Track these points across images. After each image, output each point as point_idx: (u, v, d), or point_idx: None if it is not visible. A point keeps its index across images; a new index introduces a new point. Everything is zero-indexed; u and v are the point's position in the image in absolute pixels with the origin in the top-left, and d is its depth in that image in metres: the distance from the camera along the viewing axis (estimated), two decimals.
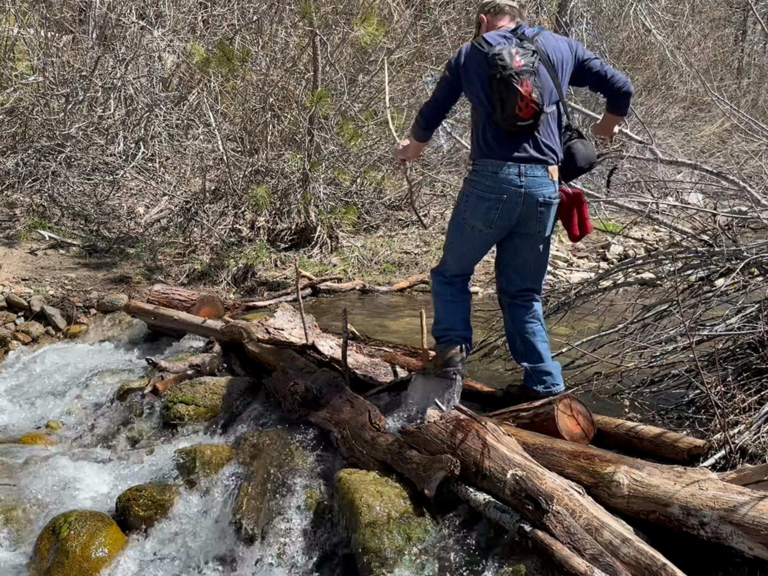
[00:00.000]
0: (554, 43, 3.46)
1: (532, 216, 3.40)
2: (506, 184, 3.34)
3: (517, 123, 3.30)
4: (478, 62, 3.38)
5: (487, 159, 3.40)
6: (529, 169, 3.34)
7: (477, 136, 3.48)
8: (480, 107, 3.44)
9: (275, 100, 8.29)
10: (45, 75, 8.20)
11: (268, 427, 3.72)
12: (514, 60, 3.27)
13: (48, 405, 4.70)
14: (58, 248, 7.01)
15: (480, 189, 3.41)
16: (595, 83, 3.58)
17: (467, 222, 3.49)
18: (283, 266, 7.46)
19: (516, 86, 3.24)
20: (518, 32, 3.44)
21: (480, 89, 3.38)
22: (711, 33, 15.67)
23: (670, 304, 4.12)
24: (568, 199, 3.48)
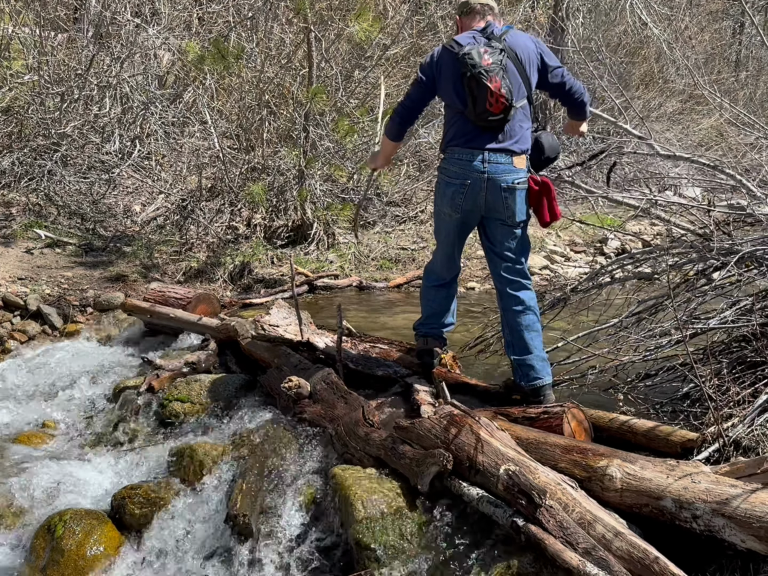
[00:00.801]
0: (521, 42, 3.63)
1: (498, 201, 3.57)
2: (470, 170, 3.53)
3: (488, 118, 3.48)
4: (449, 63, 3.55)
5: (455, 148, 3.60)
6: (492, 156, 3.53)
7: (448, 130, 3.69)
8: (452, 105, 3.62)
9: (271, 96, 8.27)
10: (40, 74, 8.18)
11: (263, 424, 3.71)
12: (483, 58, 3.45)
13: (44, 404, 4.70)
14: (55, 247, 7.00)
15: (447, 175, 3.62)
16: (556, 92, 3.80)
17: (440, 209, 3.74)
18: (280, 263, 7.45)
19: (485, 82, 3.41)
20: (487, 31, 3.61)
21: (452, 88, 3.55)
22: (708, 26, 15.63)
23: (665, 298, 4.12)
24: (537, 186, 3.64)
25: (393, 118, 3.78)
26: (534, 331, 3.64)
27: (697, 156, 4.37)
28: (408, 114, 3.76)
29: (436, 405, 3.56)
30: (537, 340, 3.64)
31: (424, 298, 4.06)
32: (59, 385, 4.86)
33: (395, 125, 3.79)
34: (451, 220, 3.68)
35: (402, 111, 3.74)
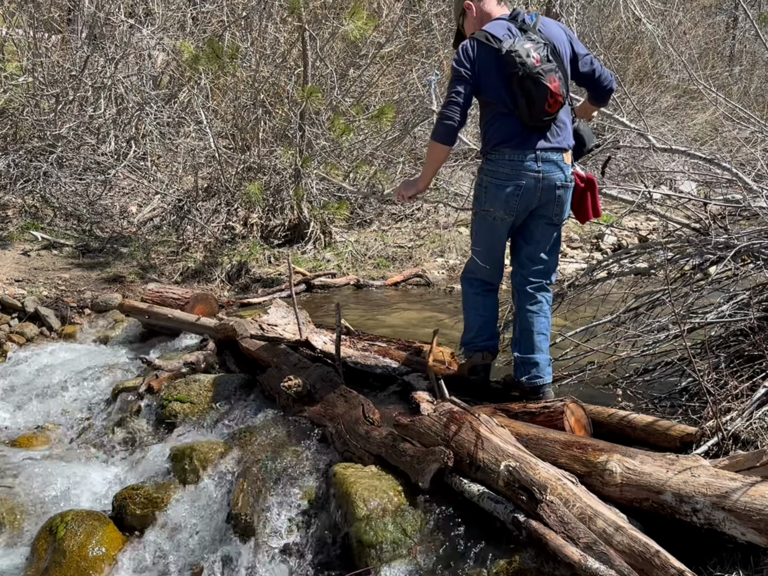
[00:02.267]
0: (555, 32, 3.47)
1: (551, 200, 3.47)
2: (524, 170, 3.40)
3: (544, 118, 3.36)
4: (491, 59, 3.35)
5: (504, 148, 3.43)
6: (545, 155, 3.41)
7: (491, 129, 3.49)
8: (498, 104, 3.42)
9: (266, 96, 8.28)
10: (35, 75, 8.17)
11: (263, 423, 3.72)
12: (531, 56, 3.28)
13: (43, 406, 4.70)
14: (51, 249, 7.00)
15: (499, 177, 3.45)
16: (585, 81, 3.62)
17: (489, 213, 3.53)
18: (277, 262, 7.46)
19: (545, 83, 3.27)
20: (518, 21, 3.42)
21: (501, 87, 3.36)
22: (702, 21, 15.67)
23: (662, 292, 4.13)
24: (582, 182, 3.57)
25: (445, 120, 3.41)
26: (543, 334, 3.62)
27: (694, 150, 4.38)
28: (461, 113, 3.41)
29: (434, 402, 3.57)
30: (545, 343, 3.63)
31: (471, 309, 3.79)
32: (58, 387, 4.85)
33: (450, 127, 3.42)
34: (503, 223, 3.53)
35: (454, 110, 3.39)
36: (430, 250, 8.17)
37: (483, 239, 3.65)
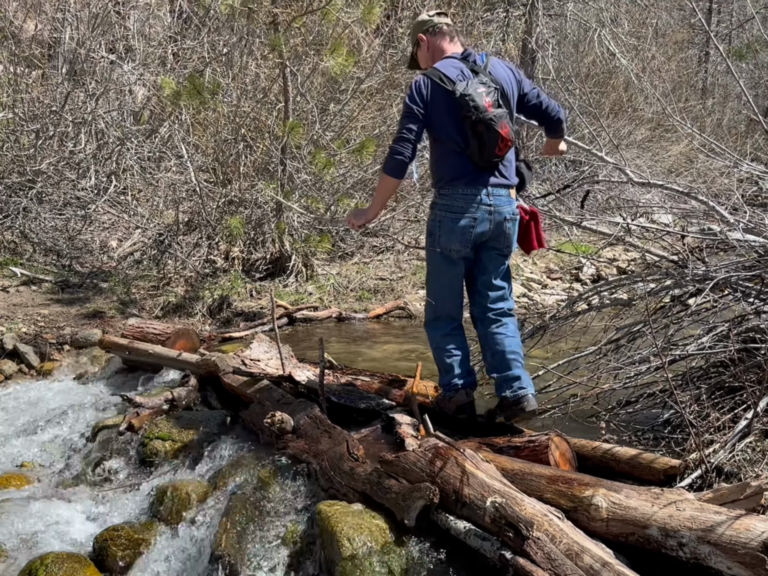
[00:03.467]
0: (504, 74, 3.66)
1: (501, 232, 3.64)
2: (477, 203, 3.56)
3: (493, 159, 3.55)
4: (444, 100, 3.50)
5: (457, 184, 3.59)
6: (495, 190, 3.60)
7: (443, 166, 3.64)
8: (449, 142, 3.57)
9: (247, 130, 8.32)
10: (15, 111, 8.17)
11: (246, 461, 3.68)
12: (484, 100, 3.46)
13: (22, 444, 4.62)
14: (31, 284, 6.94)
15: (454, 211, 3.59)
16: (533, 114, 3.83)
17: (445, 247, 3.64)
18: (259, 296, 7.44)
19: (497, 129, 3.46)
20: (469, 61, 3.60)
21: (453, 128, 3.53)
22: (675, 55, 16.01)
23: (643, 324, 4.17)
24: (527, 215, 3.76)
25: (395, 155, 3.54)
26: (516, 352, 3.69)
27: (670, 183, 4.45)
28: (413, 148, 3.54)
29: (419, 437, 3.56)
30: (521, 360, 3.70)
31: (442, 351, 3.80)
32: (38, 425, 4.78)
33: (400, 162, 3.55)
34: (458, 255, 3.65)
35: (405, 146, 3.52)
36: (411, 282, 8.19)
37: (442, 274, 3.74)
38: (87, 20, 8.95)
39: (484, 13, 11.49)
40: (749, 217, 4.10)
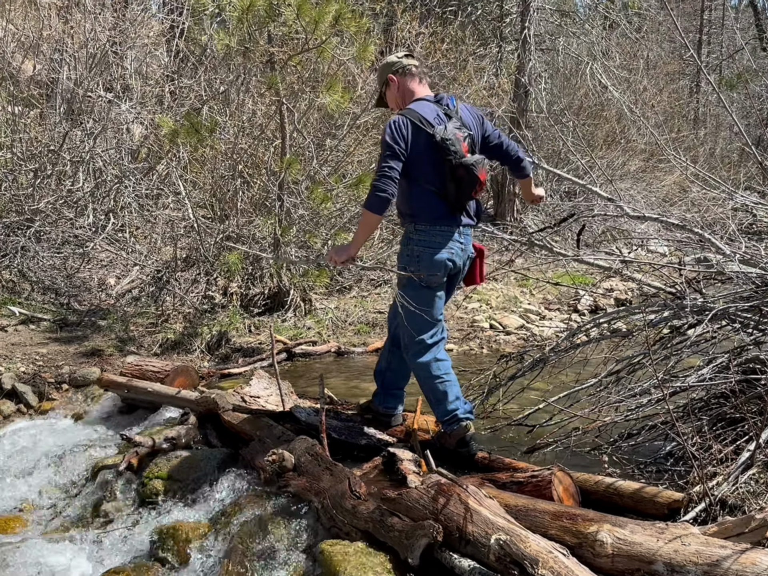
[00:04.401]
0: (471, 118, 3.88)
1: (464, 266, 3.94)
2: (452, 240, 3.79)
3: (467, 202, 3.79)
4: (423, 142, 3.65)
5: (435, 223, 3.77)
6: (465, 230, 3.88)
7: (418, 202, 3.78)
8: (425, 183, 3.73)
9: (244, 166, 8.38)
10: (13, 151, 8.23)
11: (247, 500, 3.66)
12: (462, 144, 3.67)
13: (20, 486, 4.57)
14: (29, 323, 6.93)
15: (433, 246, 3.77)
16: (495, 154, 4.05)
17: (425, 280, 3.76)
18: (258, 331, 7.44)
19: (476, 174, 3.67)
20: (442, 104, 3.79)
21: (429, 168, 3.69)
22: (666, 86, 16.21)
23: (643, 356, 4.18)
24: (477, 252, 3.99)
25: (378, 192, 3.61)
26: None
27: (665, 216, 4.49)
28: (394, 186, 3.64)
29: (421, 474, 3.54)
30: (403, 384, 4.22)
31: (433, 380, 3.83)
32: (36, 466, 4.73)
33: (383, 199, 3.63)
34: (439, 285, 3.85)
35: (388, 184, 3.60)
36: None
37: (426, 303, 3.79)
38: (85, 60, 9.05)
39: (477, 49, 11.64)
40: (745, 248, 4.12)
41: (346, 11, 6.11)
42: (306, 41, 6.58)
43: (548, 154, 12.60)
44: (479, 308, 8.59)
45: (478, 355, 7.15)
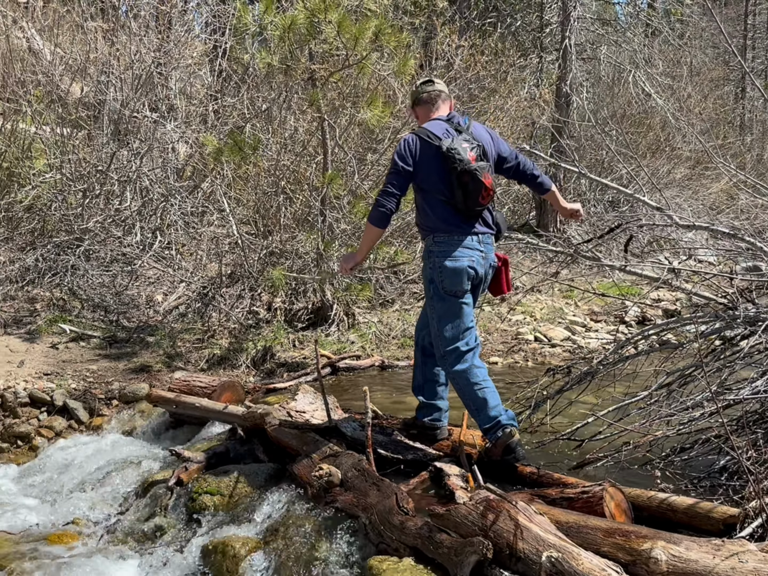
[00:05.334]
0: (483, 135, 4.04)
1: (487, 275, 4.01)
2: (472, 248, 3.90)
3: (476, 208, 3.88)
4: (431, 154, 3.85)
5: (452, 232, 3.90)
6: (484, 238, 3.96)
7: (432, 215, 3.94)
8: (436, 193, 3.89)
9: (287, 183, 8.46)
10: (62, 172, 8.43)
11: (294, 515, 3.67)
12: (468, 153, 3.81)
13: (73, 500, 4.66)
14: (79, 341, 7.07)
15: (453, 255, 3.88)
16: (513, 173, 4.25)
17: (449, 290, 3.91)
18: (302, 346, 7.47)
19: (481, 179, 3.80)
20: (453, 122, 3.98)
21: (439, 179, 3.85)
22: (711, 93, 15.95)
23: (694, 368, 4.09)
24: (500, 261, 4.09)
25: (379, 207, 3.91)
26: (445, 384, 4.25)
27: (715, 225, 4.40)
28: (396, 202, 3.92)
29: (468, 489, 3.52)
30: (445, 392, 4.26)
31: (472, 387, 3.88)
32: (88, 481, 4.83)
33: (383, 214, 3.93)
34: (465, 295, 3.93)
35: (390, 199, 3.89)
36: None
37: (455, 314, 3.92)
38: (130, 82, 9.25)
39: (517, 60, 11.61)
40: None
41: (385, 27, 6.15)
42: (347, 57, 6.63)
43: (591, 163, 12.48)
44: (523, 320, 8.52)
45: (523, 368, 7.08)
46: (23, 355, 6.64)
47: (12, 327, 7.22)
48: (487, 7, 14.11)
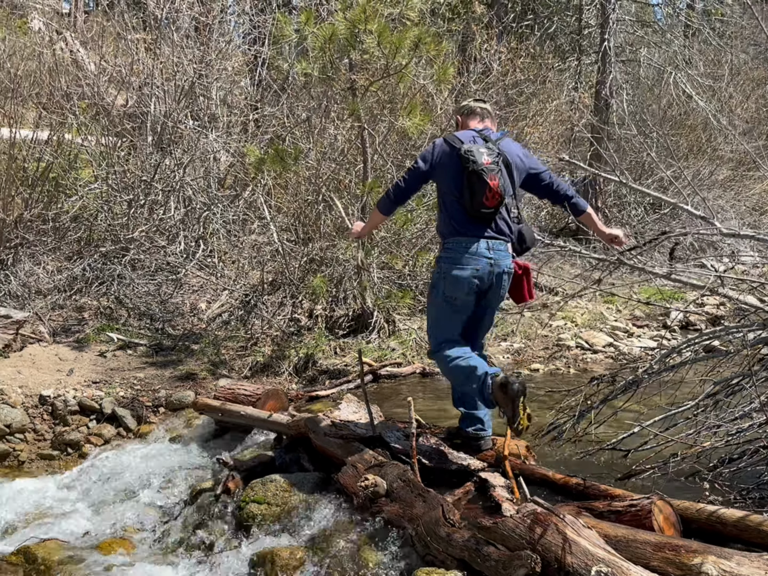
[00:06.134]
0: (512, 149, 4.17)
1: (499, 282, 4.06)
2: (479, 256, 3.99)
3: (482, 210, 3.97)
4: (451, 156, 4.05)
5: (461, 237, 4.03)
6: (495, 244, 4.03)
7: (447, 218, 4.11)
8: (450, 194, 4.08)
9: (327, 190, 8.53)
10: (108, 183, 8.61)
11: (341, 525, 3.71)
12: (483, 157, 3.97)
13: (123, 509, 4.75)
14: (126, 349, 7.21)
15: (457, 263, 4.01)
16: (545, 192, 4.34)
17: (449, 296, 4.06)
18: (343, 353, 7.52)
19: (486, 179, 3.93)
20: (483, 134, 4.14)
21: (451, 179, 4.04)
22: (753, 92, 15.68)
23: (742, 378, 4.04)
24: (520, 269, 4.16)
25: (388, 196, 4.26)
26: None
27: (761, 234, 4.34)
28: (402, 195, 4.25)
29: (514, 501, 3.53)
30: None
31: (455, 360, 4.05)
32: (137, 489, 4.92)
33: (390, 202, 4.28)
34: (464, 304, 4.06)
35: (397, 192, 4.21)
36: (494, 334, 8.15)
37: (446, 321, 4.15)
38: (173, 92, 9.41)
39: (555, 63, 11.55)
40: None
41: (426, 36, 6.18)
42: (386, 67, 6.67)
43: (631, 165, 12.36)
44: (564, 326, 8.47)
45: (565, 374, 7.05)
46: (72, 363, 6.79)
47: (61, 335, 7.40)
48: (524, 10, 14.06)
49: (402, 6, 6.69)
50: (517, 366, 7.34)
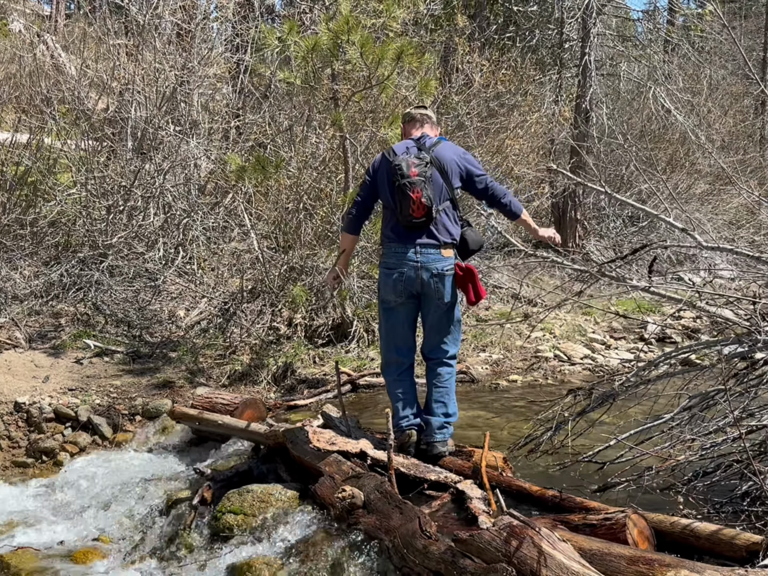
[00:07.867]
0: (447, 154, 4.38)
1: (429, 284, 4.29)
2: (406, 260, 4.27)
3: (412, 220, 4.22)
4: (386, 169, 4.34)
5: (392, 243, 4.34)
6: (423, 249, 4.28)
7: (385, 227, 4.44)
8: (387, 206, 4.40)
9: (308, 199, 8.53)
10: (87, 188, 8.55)
11: (317, 536, 3.70)
12: (411, 170, 4.20)
13: (97, 518, 4.71)
14: (103, 356, 7.15)
15: (387, 267, 4.35)
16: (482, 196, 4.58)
17: (383, 298, 4.43)
18: (322, 362, 7.51)
19: (409, 193, 4.17)
20: (420, 142, 4.39)
21: (387, 191, 4.34)
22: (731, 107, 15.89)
23: (717, 392, 4.09)
24: (462, 272, 4.34)
25: (349, 214, 4.62)
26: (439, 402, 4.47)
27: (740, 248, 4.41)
28: (361, 210, 4.56)
29: (491, 513, 3.54)
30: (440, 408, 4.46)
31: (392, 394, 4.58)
32: (112, 498, 4.87)
33: (353, 219, 4.60)
34: (397, 305, 4.39)
35: (357, 207, 4.55)
36: (472, 345, 8.18)
37: (384, 323, 4.54)
38: (154, 98, 9.37)
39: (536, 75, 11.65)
40: None
41: (408, 48, 6.22)
42: (368, 78, 6.69)
43: (611, 178, 12.48)
44: (543, 337, 8.52)
45: (543, 385, 7.08)
46: (48, 370, 6.73)
47: (37, 342, 7.32)
48: (506, 22, 14.17)
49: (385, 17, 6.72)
50: (496, 377, 7.36)
